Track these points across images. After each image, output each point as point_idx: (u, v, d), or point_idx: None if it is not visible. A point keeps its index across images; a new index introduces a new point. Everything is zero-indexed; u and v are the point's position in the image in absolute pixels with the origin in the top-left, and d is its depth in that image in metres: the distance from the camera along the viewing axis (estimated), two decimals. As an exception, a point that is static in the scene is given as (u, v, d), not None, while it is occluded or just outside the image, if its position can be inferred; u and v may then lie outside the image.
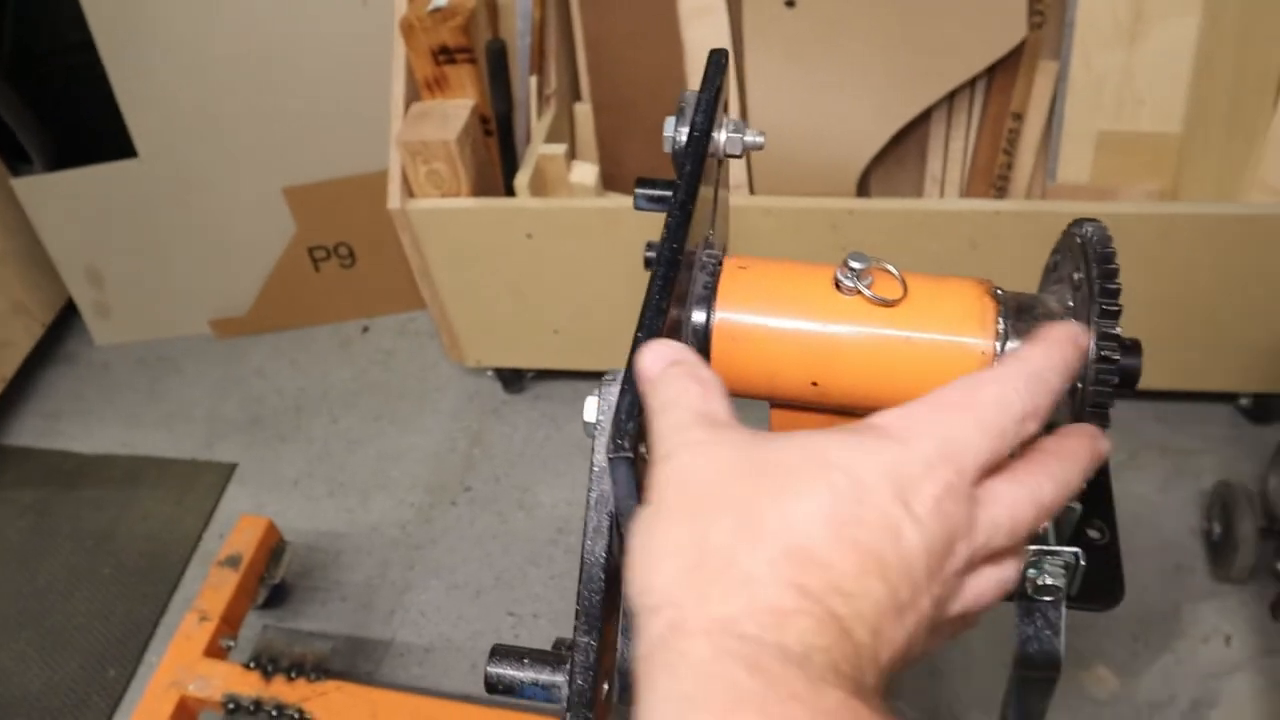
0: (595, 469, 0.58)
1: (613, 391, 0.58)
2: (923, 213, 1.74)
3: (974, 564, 0.46)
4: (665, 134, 0.73)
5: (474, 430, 2.30)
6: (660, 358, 0.51)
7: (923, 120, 1.90)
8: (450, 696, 1.80)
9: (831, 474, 0.42)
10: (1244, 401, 2.05)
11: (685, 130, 0.71)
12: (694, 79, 1.92)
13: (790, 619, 0.39)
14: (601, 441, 0.58)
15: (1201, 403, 2.08)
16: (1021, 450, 0.48)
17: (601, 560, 0.58)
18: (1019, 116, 1.88)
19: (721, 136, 0.73)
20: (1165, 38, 1.78)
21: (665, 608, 0.41)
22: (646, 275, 0.62)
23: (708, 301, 0.66)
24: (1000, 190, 1.93)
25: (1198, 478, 1.99)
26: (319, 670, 1.72)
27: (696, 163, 0.67)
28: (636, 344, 0.57)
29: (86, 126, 2.45)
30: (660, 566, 0.42)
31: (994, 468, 0.46)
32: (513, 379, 2.32)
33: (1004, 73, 1.86)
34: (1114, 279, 0.62)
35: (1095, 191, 1.87)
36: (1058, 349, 0.51)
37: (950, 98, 1.89)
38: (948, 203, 1.76)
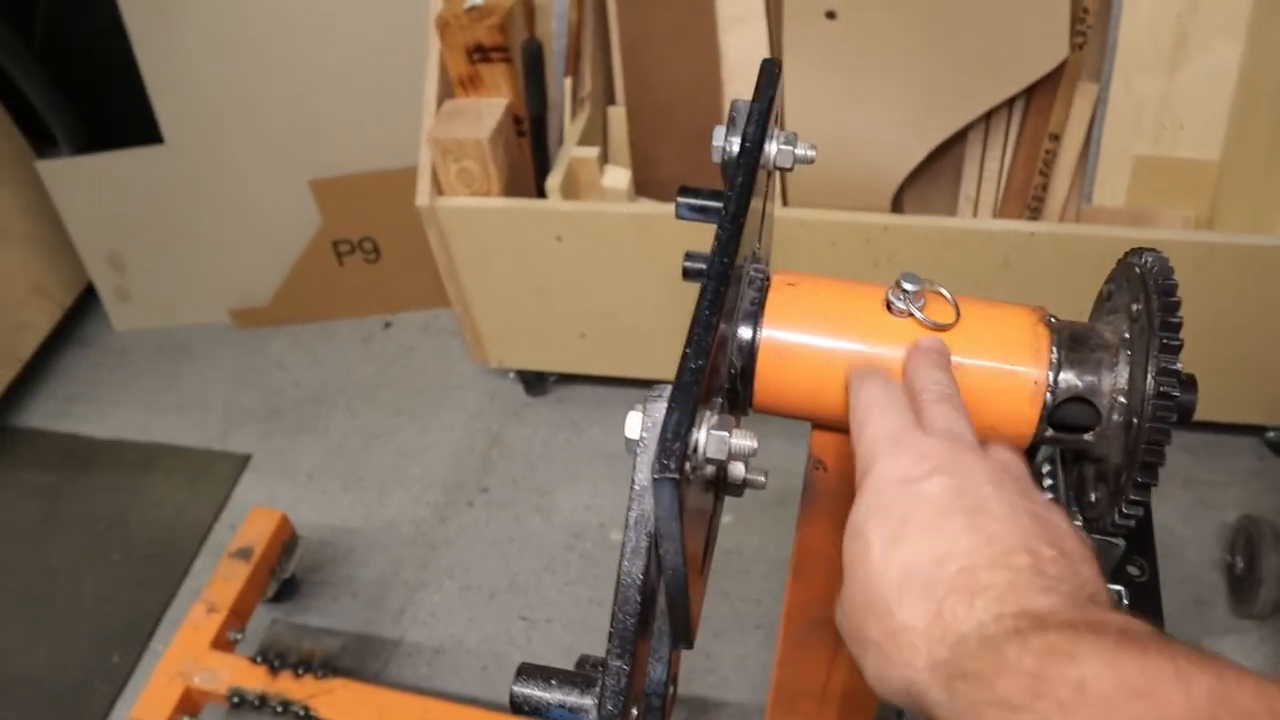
0: (636, 488, 0.57)
1: (658, 407, 0.56)
2: (958, 231, 1.72)
3: None
4: (714, 143, 0.71)
5: (494, 431, 2.28)
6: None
7: (959, 138, 1.88)
8: (458, 699, 1.79)
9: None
10: (1271, 435, 2.03)
11: (736, 140, 0.69)
12: (730, 86, 1.91)
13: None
14: (644, 459, 0.56)
15: (1227, 434, 2.05)
16: None
17: (638, 581, 0.56)
18: (1056, 138, 1.86)
19: (773, 149, 0.71)
20: (1208, 64, 1.76)
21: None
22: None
23: (755, 318, 0.65)
24: (1034, 211, 1.91)
25: (1221, 511, 1.96)
26: (326, 667, 1.71)
27: (749, 175, 0.65)
28: (685, 360, 0.55)
29: (114, 111, 2.45)
30: None
31: None
32: (535, 381, 2.30)
33: (1043, 93, 1.83)
34: (1175, 312, 0.60)
35: (1130, 216, 1.85)
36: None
37: (988, 116, 1.87)
38: (983, 222, 1.74)
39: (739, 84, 1.91)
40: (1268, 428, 2.03)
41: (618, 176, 1.88)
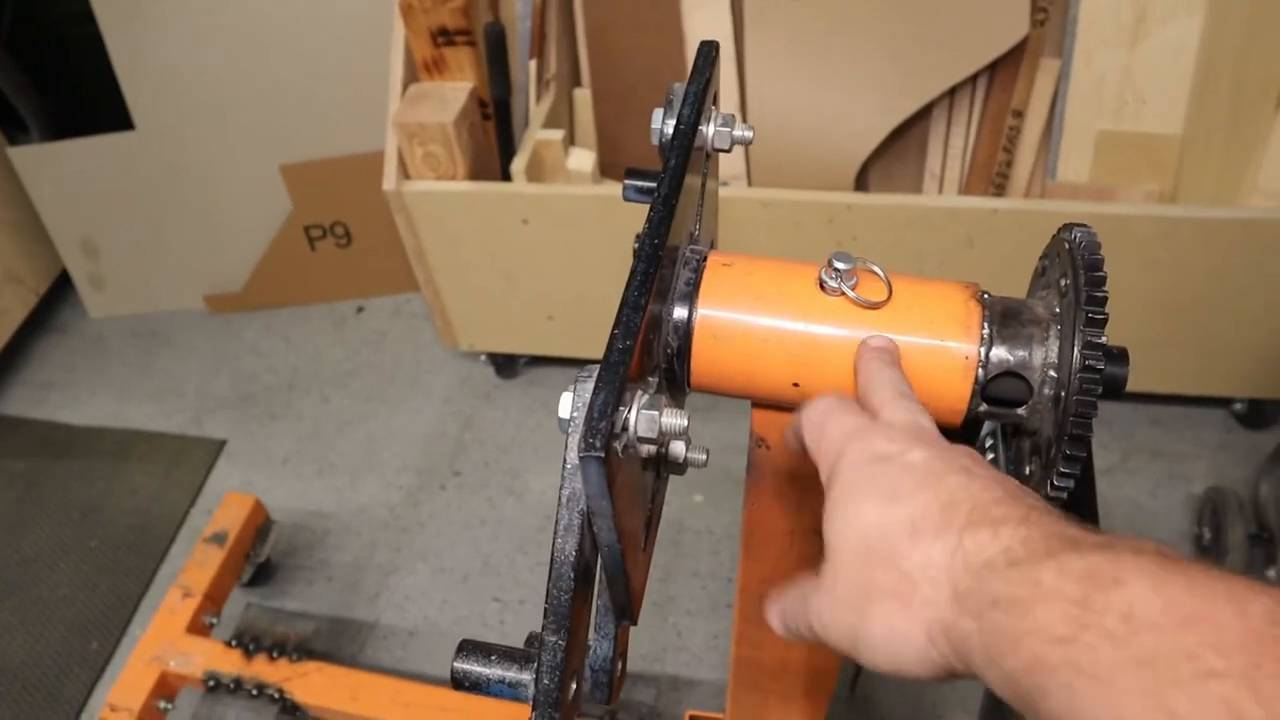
0: (568, 466, 0.58)
1: (587, 388, 0.57)
2: (921, 209, 1.73)
3: None
4: (653, 126, 0.72)
5: (465, 414, 2.29)
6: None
7: (923, 116, 1.89)
8: (433, 681, 1.80)
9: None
10: (1238, 407, 2.05)
11: (673, 122, 0.70)
12: (695, 67, 1.91)
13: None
14: (574, 439, 0.57)
15: (1195, 407, 2.07)
16: None
17: (571, 558, 0.57)
18: (1019, 114, 1.87)
19: (710, 130, 0.72)
20: (1168, 39, 1.77)
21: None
22: None
23: (690, 298, 0.66)
24: (999, 188, 1.92)
25: (1189, 482, 1.98)
26: (301, 650, 1.72)
27: (681, 156, 0.66)
28: (612, 340, 0.56)
29: (84, 97, 2.44)
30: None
31: None
32: (505, 364, 2.31)
33: (1005, 70, 1.84)
34: (1101, 286, 0.61)
35: (1094, 191, 1.86)
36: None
37: (951, 94, 1.88)
38: (946, 200, 1.75)
39: (705, 64, 1.91)
40: (1234, 400, 2.05)
41: (583, 159, 1.88)
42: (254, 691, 1.68)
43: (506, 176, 1.94)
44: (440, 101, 1.86)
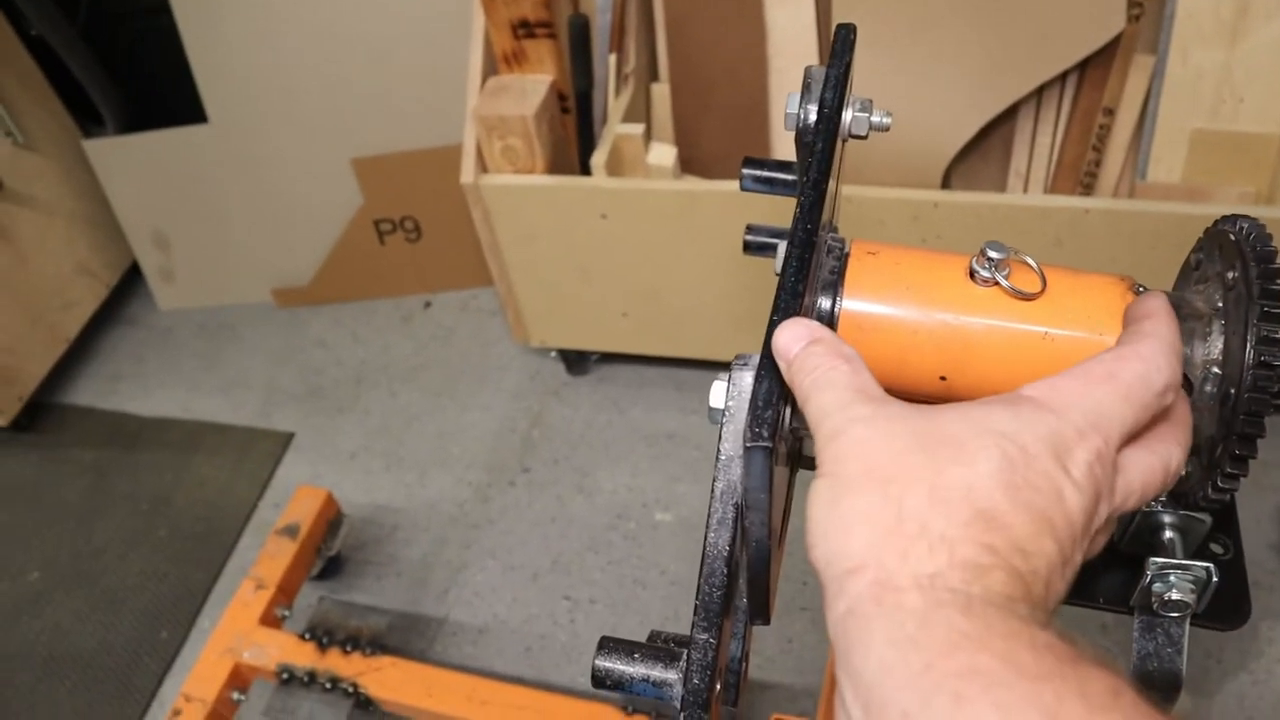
0: (722, 458, 0.55)
1: (743, 377, 0.55)
2: (1009, 208, 1.69)
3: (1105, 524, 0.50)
4: (788, 111, 0.70)
5: (535, 411, 2.28)
6: (798, 337, 0.52)
7: (1009, 114, 1.85)
8: (503, 678, 1.79)
9: (1001, 442, 0.45)
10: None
11: (812, 107, 0.68)
12: (776, 63, 1.89)
13: (987, 573, 0.42)
14: (731, 429, 0.55)
15: (1285, 415, 2.02)
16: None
17: (725, 554, 0.55)
18: (1110, 112, 1.82)
19: (848, 116, 0.69)
20: (1269, 35, 1.72)
21: (868, 568, 0.43)
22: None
23: (834, 288, 0.63)
24: (1086, 188, 1.87)
25: (1277, 492, 1.93)
26: (374, 645, 1.71)
27: (829, 140, 0.64)
28: (772, 328, 0.54)
29: (159, 90, 2.45)
30: (855, 532, 0.44)
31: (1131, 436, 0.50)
32: (576, 361, 2.29)
33: (1097, 66, 1.80)
34: (1276, 279, 0.58)
35: (1187, 191, 1.82)
36: (1174, 321, 0.54)
37: (1039, 90, 1.84)
38: (1036, 199, 1.71)
39: (784, 61, 1.88)
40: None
41: (663, 153, 1.86)
42: (328, 685, 1.67)
43: (585, 171, 1.92)
44: (520, 94, 1.84)
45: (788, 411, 0.53)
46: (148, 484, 2.28)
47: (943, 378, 0.63)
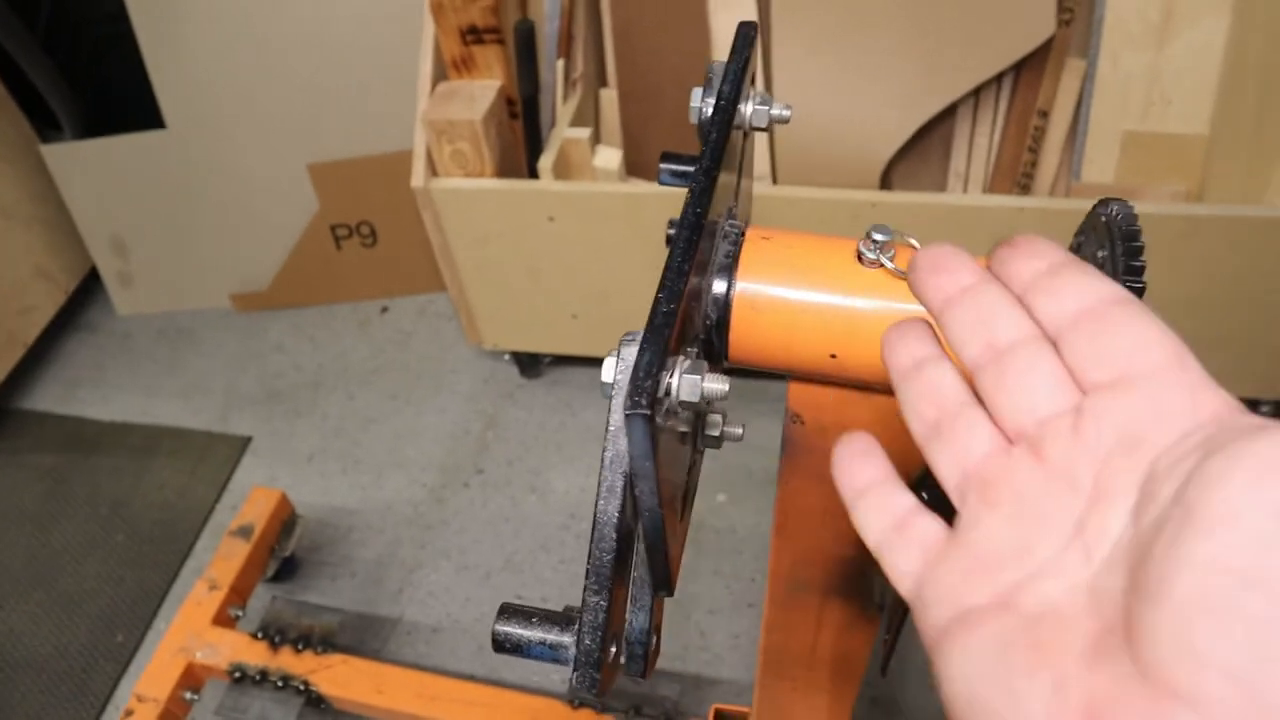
0: (611, 429, 0.58)
1: (630, 351, 0.58)
2: (946, 207, 1.74)
3: None
4: (692, 104, 0.73)
5: (489, 413, 2.30)
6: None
7: (947, 115, 1.90)
8: (456, 676, 1.81)
9: None
10: (1265, 409, 2.04)
11: (712, 101, 0.71)
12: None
13: None
14: (618, 401, 0.58)
15: (1220, 409, 2.06)
16: None
17: (614, 520, 0.58)
18: (1044, 114, 1.87)
19: (748, 108, 0.73)
20: (1195, 39, 1.77)
21: None
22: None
23: (729, 270, 0.66)
24: (1024, 188, 1.92)
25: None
26: (326, 643, 1.73)
27: (722, 130, 0.67)
28: (657, 304, 0.57)
29: (117, 96, 2.46)
30: None
31: None
32: (529, 363, 2.32)
33: (1031, 69, 1.85)
34: (1138, 257, 0.61)
35: (1120, 191, 1.86)
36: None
37: (976, 93, 1.89)
38: (972, 198, 1.75)
39: (731, 65, 1.92)
40: (1261, 401, 2.04)
41: (609, 157, 1.90)
42: (279, 683, 1.69)
43: (533, 174, 1.95)
44: (469, 99, 1.87)
45: (672, 382, 0.55)
46: (106, 488, 2.29)
47: (833, 355, 0.66)
